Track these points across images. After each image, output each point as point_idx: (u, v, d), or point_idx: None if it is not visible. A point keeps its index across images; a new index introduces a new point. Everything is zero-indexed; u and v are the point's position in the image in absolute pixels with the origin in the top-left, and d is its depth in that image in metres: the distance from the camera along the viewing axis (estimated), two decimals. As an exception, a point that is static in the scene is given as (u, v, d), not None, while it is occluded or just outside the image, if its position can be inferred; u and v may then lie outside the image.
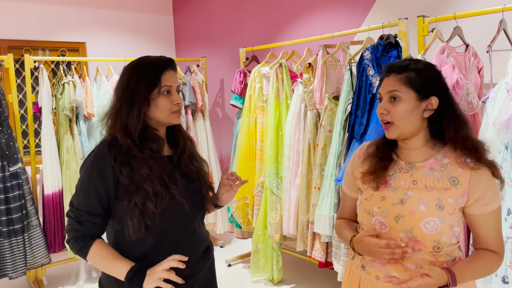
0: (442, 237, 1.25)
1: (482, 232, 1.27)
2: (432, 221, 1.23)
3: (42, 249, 3.29)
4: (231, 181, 1.56)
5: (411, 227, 1.25)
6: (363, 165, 1.41)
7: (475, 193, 1.24)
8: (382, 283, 1.31)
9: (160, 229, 1.38)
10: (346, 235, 1.43)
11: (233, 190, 1.57)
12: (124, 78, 1.40)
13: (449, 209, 1.24)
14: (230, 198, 1.59)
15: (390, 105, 1.30)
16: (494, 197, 1.25)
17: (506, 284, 1.99)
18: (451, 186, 1.25)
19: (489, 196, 1.25)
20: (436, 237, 1.24)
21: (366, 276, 1.37)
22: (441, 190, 1.26)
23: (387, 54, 2.61)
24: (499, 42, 2.29)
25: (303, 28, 3.76)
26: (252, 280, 3.45)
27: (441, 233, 1.24)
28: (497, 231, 1.27)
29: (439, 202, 1.24)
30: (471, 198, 1.25)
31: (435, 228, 1.23)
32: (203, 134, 4.16)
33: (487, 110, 2.17)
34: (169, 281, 1.31)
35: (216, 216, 4.10)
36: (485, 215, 1.26)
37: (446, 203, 1.24)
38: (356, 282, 1.42)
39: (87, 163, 1.37)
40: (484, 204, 1.25)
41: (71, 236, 1.36)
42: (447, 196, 1.25)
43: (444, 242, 1.25)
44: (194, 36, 4.96)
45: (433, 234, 1.24)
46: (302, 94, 3.06)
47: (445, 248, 1.26)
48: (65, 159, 3.45)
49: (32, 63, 3.43)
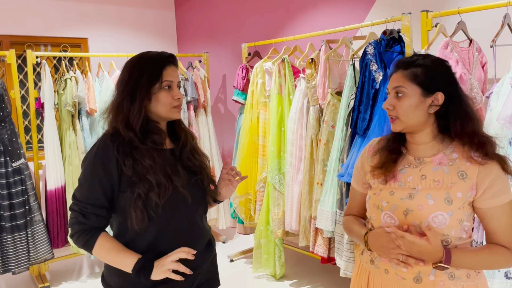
0: (451, 231, 1.25)
1: (491, 227, 1.26)
2: (441, 215, 1.24)
3: (45, 245, 3.30)
4: (231, 176, 1.57)
5: (420, 221, 1.26)
6: (372, 159, 1.43)
7: (483, 186, 1.24)
8: (391, 277, 1.32)
9: (163, 221, 1.38)
10: (358, 230, 1.43)
11: (233, 185, 1.58)
12: (125, 72, 1.41)
13: (458, 203, 1.24)
14: (230, 193, 1.59)
15: (395, 100, 1.31)
16: (503, 191, 1.24)
17: (509, 280, 1.99)
18: (460, 180, 1.26)
19: (497, 190, 1.24)
20: (444, 231, 1.25)
21: (375, 270, 1.38)
22: (449, 184, 1.26)
23: (390, 49, 2.59)
24: (503, 37, 2.27)
25: (306, 23, 3.74)
26: (255, 276, 3.46)
27: (450, 228, 1.25)
28: (508, 227, 1.24)
29: (447, 196, 1.25)
30: (479, 192, 1.25)
31: (443, 222, 1.24)
32: (205, 130, 4.16)
33: (490, 105, 2.16)
34: (177, 273, 1.33)
35: (218, 212, 4.11)
36: (494, 209, 1.24)
37: (455, 197, 1.25)
38: (365, 277, 1.43)
39: (90, 156, 1.37)
40: (491, 198, 1.24)
41: (76, 230, 1.36)
42: (456, 190, 1.25)
43: (453, 237, 1.26)
44: (196, 32, 4.95)
45: (442, 228, 1.24)
46: (304, 89, 3.05)
47: (454, 243, 1.27)
48: (67, 155, 3.45)
49: (34, 59, 3.43)
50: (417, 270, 1.28)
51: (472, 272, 1.29)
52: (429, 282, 1.28)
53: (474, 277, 1.30)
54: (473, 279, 1.29)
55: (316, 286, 3.26)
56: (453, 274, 1.28)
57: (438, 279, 1.27)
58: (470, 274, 1.29)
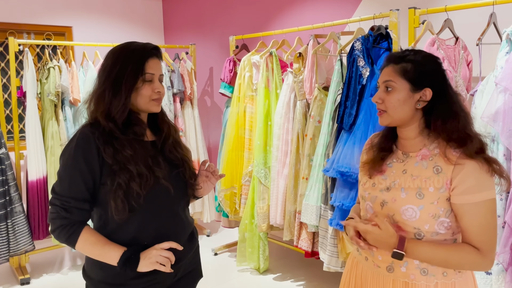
0: (423, 225, 1.26)
1: (463, 225, 1.25)
2: (411, 209, 1.27)
3: (26, 236, 3.24)
4: (209, 173, 1.57)
5: (393, 213, 1.31)
6: (366, 154, 1.48)
7: (455, 182, 1.24)
8: (369, 264, 1.39)
9: (145, 213, 1.37)
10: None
11: (211, 181, 1.58)
12: (108, 62, 1.39)
13: (430, 198, 1.25)
14: (208, 190, 1.59)
15: (384, 94, 1.33)
16: (478, 188, 1.21)
17: (489, 275, 2.03)
18: (434, 175, 1.27)
19: (470, 186, 1.22)
20: (415, 224, 1.27)
21: (359, 257, 1.45)
22: (424, 179, 1.28)
23: (378, 46, 2.60)
24: (488, 36, 2.30)
25: (294, 17, 3.73)
26: (238, 269, 3.46)
27: (422, 221, 1.26)
28: (481, 227, 1.22)
29: (419, 190, 1.27)
30: (452, 186, 1.24)
31: (413, 215, 1.26)
32: (191, 123, 4.13)
33: (475, 103, 2.19)
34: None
35: (203, 205, 4.09)
36: (466, 205, 1.23)
37: (426, 192, 1.26)
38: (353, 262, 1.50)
39: (70, 148, 1.34)
40: (463, 194, 1.22)
41: (58, 225, 1.33)
42: (428, 185, 1.27)
43: (427, 231, 1.26)
44: (183, 23, 4.90)
45: (413, 221, 1.27)
46: (292, 84, 3.05)
47: (428, 237, 1.27)
48: (49, 145, 3.39)
49: (16, 47, 3.35)
50: (391, 260, 1.32)
51: (450, 271, 1.28)
52: (400, 273, 1.31)
53: (452, 276, 1.28)
54: (450, 277, 1.28)
55: (300, 280, 3.28)
56: (426, 270, 1.28)
57: (409, 272, 1.30)
58: (447, 272, 1.28)
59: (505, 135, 1.99)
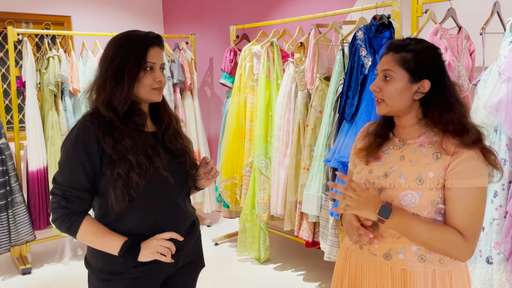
0: (422, 211, 1.26)
1: (450, 209, 1.25)
2: (410, 194, 1.26)
3: (27, 226, 3.25)
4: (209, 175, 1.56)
5: (391, 200, 1.29)
6: (362, 142, 1.46)
7: (451, 166, 1.24)
8: (364, 253, 1.39)
9: (145, 203, 1.37)
10: None
11: (209, 180, 1.58)
12: (110, 51, 1.37)
13: (430, 183, 1.25)
14: (209, 182, 1.59)
15: (383, 83, 1.32)
16: (470, 175, 1.22)
17: (490, 265, 2.03)
18: (433, 160, 1.27)
19: (463, 171, 1.22)
20: (415, 210, 1.26)
21: (353, 247, 1.44)
22: (423, 165, 1.28)
23: (380, 35, 2.58)
24: (492, 25, 2.28)
25: (295, 7, 3.70)
26: (239, 259, 3.47)
27: (421, 207, 1.26)
28: (468, 213, 1.22)
29: (419, 176, 1.27)
30: (448, 170, 1.25)
31: (413, 201, 1.26)
32: (192, 113, 4.11)
33: (478, 93, 2.18)
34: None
35: (203, 195, 4.10)
36: (456, 190, 1.23)
37: (426, 177, 1.26)
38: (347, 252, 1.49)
39: (70, 138, 1.34)
40: (455, 178, 1.23)
41: (59, 214, 1.33)
42: (428, 170, 1.26)
43: (425, 218, 1.27)
44: (183, 12, 4.86)
45: (412, 207, 1.26)
46: (293, 74, 3.03)
47: None
48: (49, 135, 3.38)
49: (15, 36, 3.33)
50: (388, 247, 1.32)
51: (446, 258, 1.29)
52: (398, 260, 1.31)
53: (448, 263, 1.29)
54: (447, 264, 1.29)
55: (300, 269, 3.29)
56: (424, 257, 1.29)
57: (407, 258, 1.30)
58: (443, 259, 1.29)
59: (508, 125, 1.98)
